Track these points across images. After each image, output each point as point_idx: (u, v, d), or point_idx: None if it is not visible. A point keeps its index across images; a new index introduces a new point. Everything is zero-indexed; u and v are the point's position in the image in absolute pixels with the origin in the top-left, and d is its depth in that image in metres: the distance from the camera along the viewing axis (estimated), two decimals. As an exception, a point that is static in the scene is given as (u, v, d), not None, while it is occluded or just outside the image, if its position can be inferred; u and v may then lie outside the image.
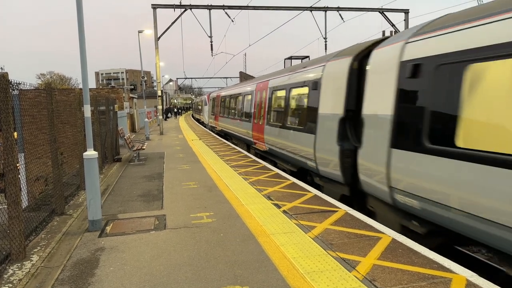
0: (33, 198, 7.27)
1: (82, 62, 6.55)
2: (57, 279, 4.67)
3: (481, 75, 4.71)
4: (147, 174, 11.58)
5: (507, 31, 4.37)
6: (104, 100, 13.93)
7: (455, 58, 5.07)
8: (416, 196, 5.67)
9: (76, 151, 9.30)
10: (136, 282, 4.50)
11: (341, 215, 6.77)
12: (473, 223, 4.69)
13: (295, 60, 15.55)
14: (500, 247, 4.47)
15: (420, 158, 5.56)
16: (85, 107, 6.68)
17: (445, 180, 5.09)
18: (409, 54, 6.04)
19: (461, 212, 4.85)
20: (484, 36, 4.67)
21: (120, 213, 7.42)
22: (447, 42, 5.27)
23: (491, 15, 4.65)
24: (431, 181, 5.35)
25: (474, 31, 4.86)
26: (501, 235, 4.34)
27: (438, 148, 5.23)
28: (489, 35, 4.61)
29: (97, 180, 6.63)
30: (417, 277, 4.35)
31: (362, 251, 5.15)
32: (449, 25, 5.37)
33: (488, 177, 4.47)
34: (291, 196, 8.16)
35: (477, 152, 4.63)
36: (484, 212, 4.52)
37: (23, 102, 6.12)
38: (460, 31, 5.10)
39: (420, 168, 5.57)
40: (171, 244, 5.68)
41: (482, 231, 4.59)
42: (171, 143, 20.28)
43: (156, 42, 25.15)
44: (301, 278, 4.43)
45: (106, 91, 26.95)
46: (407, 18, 27.76)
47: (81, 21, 6.49)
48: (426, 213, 5.56)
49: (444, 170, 5.10)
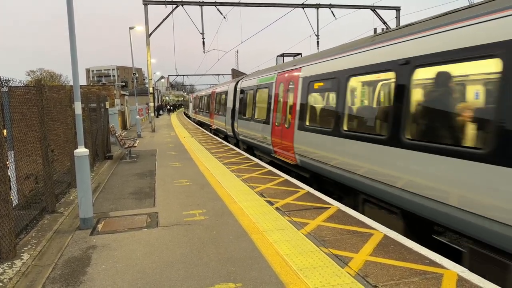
0: (23, 196, 7.19)
1: (73, 59, 6.47)
2: (48, 278, 4.62)
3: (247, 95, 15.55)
4: (138, 171, 11.51)
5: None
6: (95, 97, 13.81)
7: (246, 89, 16.22)
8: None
9: (67, 149, 9.21)
10: (128, 280, 4.47)
11: (334, 211, 6.80)
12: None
13: (287, 57, 15.55)
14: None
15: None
16: (75, 104, 6.62)
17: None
18: (240, 86, 17.74)
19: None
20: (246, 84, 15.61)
21: (112, 211, 7.37)
22: (245, 85, 16.66)
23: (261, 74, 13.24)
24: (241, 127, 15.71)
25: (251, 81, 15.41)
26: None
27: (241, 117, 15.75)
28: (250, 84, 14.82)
29: (88, 178, 6.57)
30: (409, 272, 4.39)
31: (354, 247, 5.18)
32: (246, 79, 17.06)
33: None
34: (284, 193, 8.17)
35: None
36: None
37: (13, 99, 6.04)
38: (247, 81, 16.71)
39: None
40: (164, 241, 5.65)
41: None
42: (163, 141, 20.19)
43: (147, 39, 24.97)
44: (294, 275, 4.44)
45: (97, 88, 26.67)
46: (399, 16, 27.89)
47: (71, 18, 6.42)
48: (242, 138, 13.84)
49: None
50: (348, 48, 8.18)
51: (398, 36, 6.49)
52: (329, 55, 8.99)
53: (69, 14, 6.42)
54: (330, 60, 8.82)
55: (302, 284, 4.22)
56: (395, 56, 6.39)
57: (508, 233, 4.27)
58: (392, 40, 6.63)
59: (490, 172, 4.48)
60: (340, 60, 8.36)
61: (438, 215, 5.33)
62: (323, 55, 9.53)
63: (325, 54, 9.34)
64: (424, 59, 5.70)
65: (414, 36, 6.04)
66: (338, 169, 7.91)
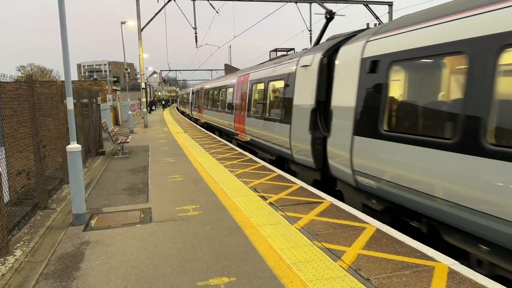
0: (15, 193, 7.13)
1: (64, 54, 6.42)
2: (42, 274, 4.61)
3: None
4: (131, 167, 11.47)
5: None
6: (86, 92, 13.70)
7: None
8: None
9: (59, 145, 9.14)
10: (122, 275, 4.47)
11: (327, 206, 6.84)
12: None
13: (280, 52, 15.53)
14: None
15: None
16: (67, 99, 6.57)
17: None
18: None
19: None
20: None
21: (105, 207, 7.35)
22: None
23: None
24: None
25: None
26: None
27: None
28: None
29: (80, 174, 6.54)
30: (401, 266, 4.44)
31: (347, 241, 5.23)
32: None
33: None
34: (277, 188, 8.20)
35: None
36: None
37: (3, 94, 5.98)
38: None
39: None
40: (157, 237, 5.66)
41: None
42: (156, 136, 20.11)
43: (139, 34, 24.77)
44: (288, 269, 4.48)
45: (89, 83, 26.50)
46: (391, 11, 27.95)
47: (62, 13, 6.36)
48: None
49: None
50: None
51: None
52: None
53: (60, 10, 6.35)
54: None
55: (295, 277, 4.26)
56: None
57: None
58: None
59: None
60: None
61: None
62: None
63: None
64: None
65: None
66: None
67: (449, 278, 4.09)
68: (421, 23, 5.61)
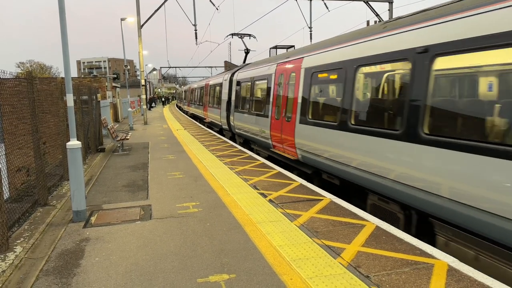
0: (15, 189, 7.13)
1: (64, 50, 6.41)
2: (42, 270, 4.62)
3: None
4: (131, 164, 11.48)
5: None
6: (86, 89, 13.69)
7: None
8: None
9: (59, 141, 9.14)
10: (122, 272, 4.48)
11: (326, 203, 6.85)
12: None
13: (280, 49, 15.52)
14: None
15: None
16: (67, 96, 6.56)
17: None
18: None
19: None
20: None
21: (105, 204, 7.36)
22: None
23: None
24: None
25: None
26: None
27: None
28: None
29: (80, 170, 6.54)
30: (401, 263, 4.45)
31: (347, 238, 5.24)
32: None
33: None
34: (277, 186, 8.21)
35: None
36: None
37: (3, 91, 5.97)
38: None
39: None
40: (157, 234, 5.67)
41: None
42: (156, 133, 20.11)
43: (139, 30, 24.72)
44: (287, 266, 4.49)
45: (89, 80, 26.40)
46: (391, 8, 27.87)
47: (62, 9, 6.34)
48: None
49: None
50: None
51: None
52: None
53: (60, 7, 6.33)
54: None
55: (295, 274, 4.27)
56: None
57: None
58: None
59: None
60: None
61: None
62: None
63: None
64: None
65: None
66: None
67: (448, 276, 4.10)
68: (253, 66, 14.68)
